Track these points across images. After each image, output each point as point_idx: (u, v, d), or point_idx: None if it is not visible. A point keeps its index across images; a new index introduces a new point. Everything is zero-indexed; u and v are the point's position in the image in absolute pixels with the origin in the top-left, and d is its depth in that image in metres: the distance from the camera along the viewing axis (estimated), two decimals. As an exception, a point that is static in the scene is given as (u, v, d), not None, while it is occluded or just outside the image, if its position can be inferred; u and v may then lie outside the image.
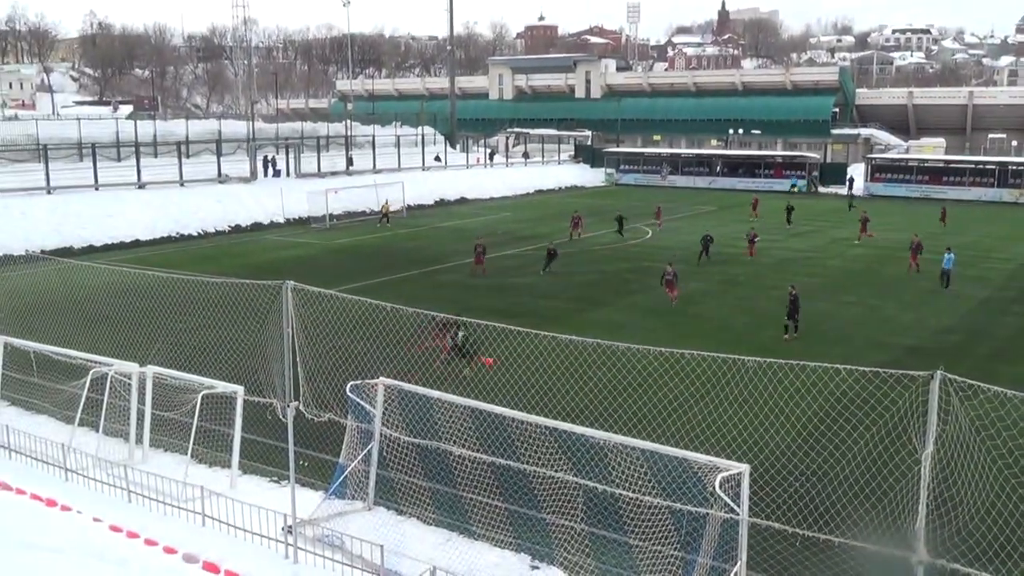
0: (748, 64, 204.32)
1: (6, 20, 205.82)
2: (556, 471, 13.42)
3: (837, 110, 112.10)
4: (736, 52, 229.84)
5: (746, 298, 33.16)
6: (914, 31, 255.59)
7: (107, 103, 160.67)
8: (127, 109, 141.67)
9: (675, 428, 17.09)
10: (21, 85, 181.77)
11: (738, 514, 11.30)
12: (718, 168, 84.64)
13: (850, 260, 42.46)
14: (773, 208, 58.91)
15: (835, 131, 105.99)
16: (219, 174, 60.37)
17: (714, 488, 11.29)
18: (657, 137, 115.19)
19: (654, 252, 44.32)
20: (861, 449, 15.55)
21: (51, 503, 14.87)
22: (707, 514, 11.60)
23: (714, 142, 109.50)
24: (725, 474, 11.39)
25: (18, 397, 20.47)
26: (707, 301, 32.78)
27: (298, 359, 18.35)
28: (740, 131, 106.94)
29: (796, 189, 77.74)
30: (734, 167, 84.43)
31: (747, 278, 37.39)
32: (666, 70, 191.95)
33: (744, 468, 11.46)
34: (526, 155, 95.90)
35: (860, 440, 15.55)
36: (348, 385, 14.91)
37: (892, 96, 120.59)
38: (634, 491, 12.56)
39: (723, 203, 68.98)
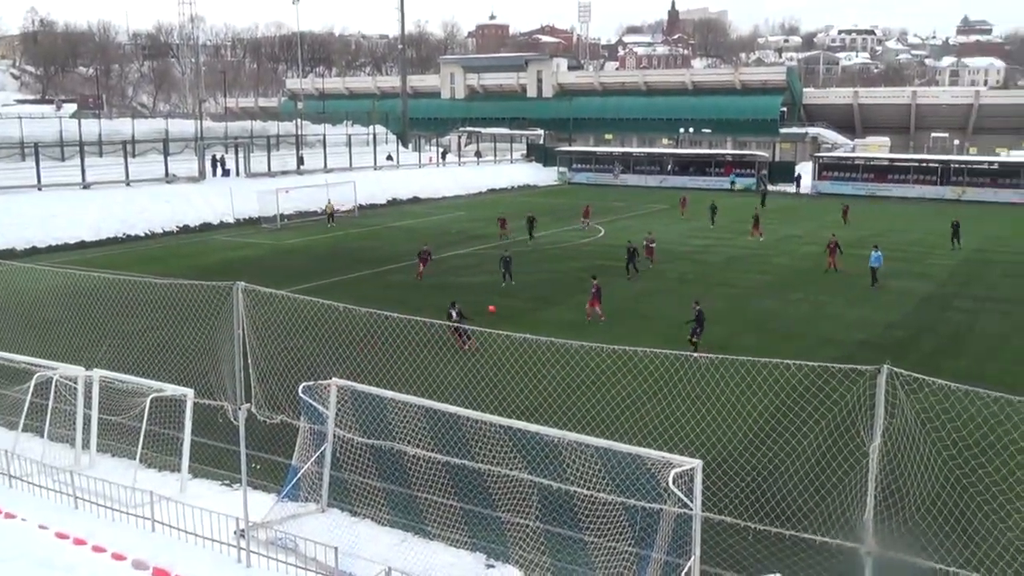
0: (698, 64, 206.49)
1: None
2: (511, 469, 13.43)
3: (785, 109, 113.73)
4: (686, 52, 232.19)
5: (695, 296, 33.47)
6: (859, 32, 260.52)
7: (50, 101, 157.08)
8: (71, 108, 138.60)
9: (628, 425, 17.20)
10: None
11: (691, 509, 11.40)
12: (669, 167, 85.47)
13: (798, 258, 43.11)
14: (725, 206, 59.51)
15: (783, 130, 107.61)
16: (167, 174, 59.44)
17: (667, 484, 11.36)
18: (609, 136, 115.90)
19: (607, 251, 44.55)
20: (811, 443, 15.80)
21: (-6, 511, 14.52)
22: (661, 510, 11.69)
23: (665, 141, 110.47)
24: (678, 470, 11.47)
25: (-42, 403, 19.93)
26: (658, 300, 33.07)
27: (249, 361, 18.11)
28: (691, 130, 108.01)
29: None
30: (685, 166, 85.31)
31: (695, 276, 37.82)
32: (617, 69, 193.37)
33: (697, 464, 11.56)
34: (478, 154, 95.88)
35: (810, 434, 15.79)
36: (300, 386, 14.77)
37: (838, 96, 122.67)
38: (589, 488, 12.60)
39: (674, 201, 69.50)
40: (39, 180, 52.34)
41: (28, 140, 59.42)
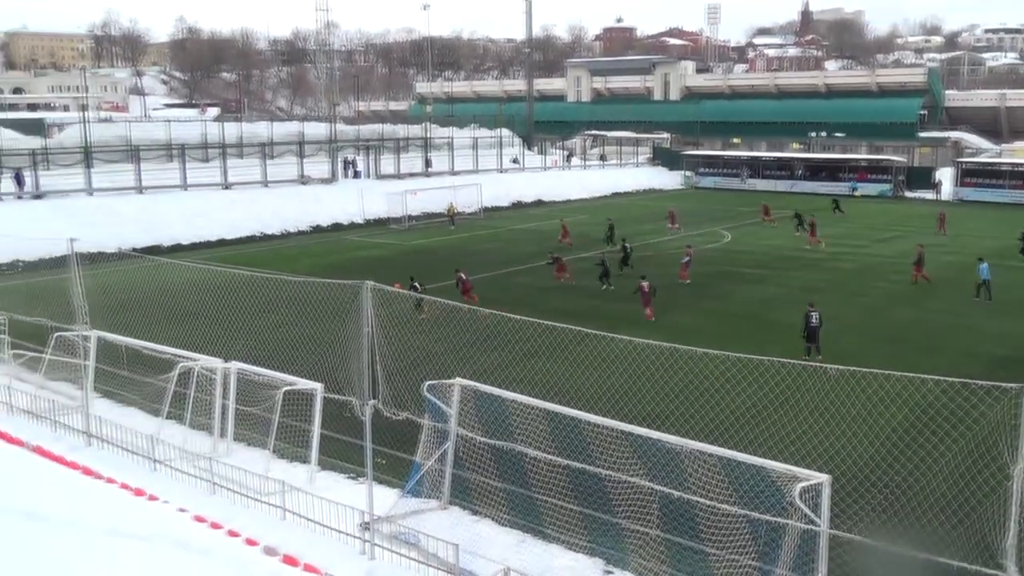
0: (832, 65, 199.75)
1: (101, 26, 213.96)
2: (631, 476, 13.32)
3: (925, 112, 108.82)
4: (819, 53, 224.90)
5: (827, 304, 32.43)
6: (1007, 31, 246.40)
7: (195, 105, 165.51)
8: (214, 111, 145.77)
9: (753, 435, 16.80)
10: (115, 88, 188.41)
11: (818, 525, 11.05)
12: (799, 171, 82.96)
13: (937, 268, 41.16)
14: (859, 212, 57.47)
15: (922, 134, 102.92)
16: (301, 175, 61.65)
17: (793, 498, 11.06)
18: (736, 140, 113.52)
19: (731, 256, 43.69)
20: (949, 462, 15.05)
21: (139, 492, 15.37)
22: (786, 525, 11.36)
23: (795, 145, 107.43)
24: (805, 484, 11.15)
25: (109, 389, 21.20)
26: (785, 307, 32.16)
27: (376, 358, 18.57)
28: (823, 134, 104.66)
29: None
30: (816, 170, 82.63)
31: (828, 284, 36.60)
32: (746, 72, 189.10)
33: (825, 478, 11.20)
34: (603, 157, 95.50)
35: (948, 453, 15.04)
36: (425, 384, 15.05)
37: (983, 98, 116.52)
38: (710, 498, 12.38)
39: (803, 207, 67.49)
40: (184, 180, 55.20)
41: (175, 142, 62.66)
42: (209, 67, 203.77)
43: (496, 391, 14.89)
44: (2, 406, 20.09)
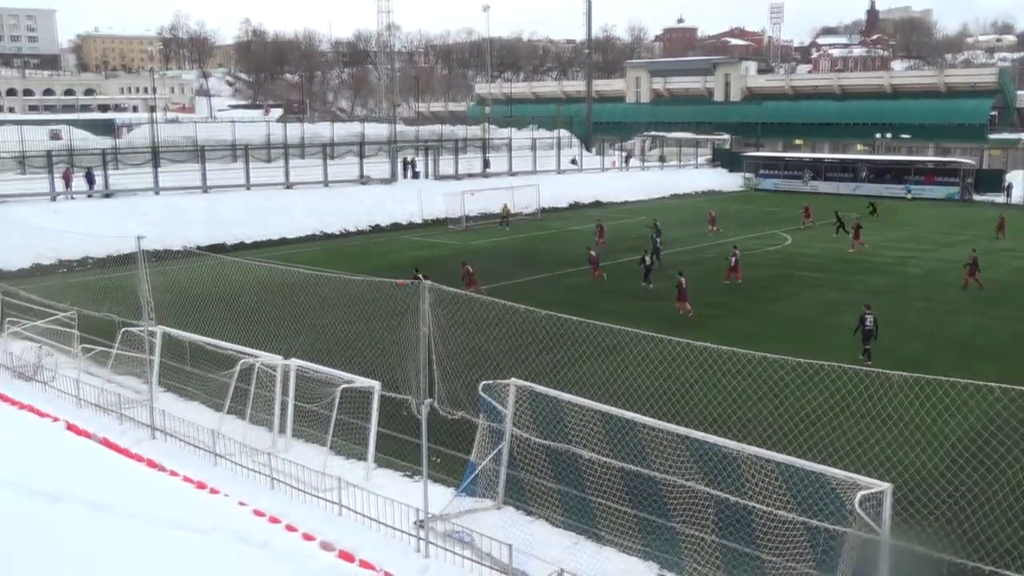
0: (898, 66, 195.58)
1: (170, 28, 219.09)
2: (687, 480, 13.22)
3: (995, 113, 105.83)
4: (885, 53, 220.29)
5: (890, 309, 31.79)
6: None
7: (259, 106, 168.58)
8: (277, 112, 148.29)
9: (812, 442, 16.53)
10: (182, 89, 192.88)
11: (879, 535, 10.83)
12: (863, 174, 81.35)
13: (1006, 272, 40.06)
14: (926, 216, 56.21)
15: (992, 136, 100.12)
16: (361, 175, 62.34)
17: (853, 506, 10.86)
18: (799, 141, 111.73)
19: (793, 259, 43.05)
20: (1016, 473, 14.64)
21: (201, 486, 15.70)
22: (845, 533, 11.17)
23: (859, 147, 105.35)
24: (865, 492, 10.94)
25: (173, 384, 21.69)
26: (848, 312, 31.57)
27: (433, 357, 18.70)
28: (888, 135, 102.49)
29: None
30: (881, 173, 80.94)
31: (892, 288, 35.85)
32: (810, 72, 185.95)
33: (886, 487, 10.98)
34: (662, 159, 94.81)
35: (1016, 464, 14.63)
36: (480, 384, 15.11)
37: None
38: (768, 505, 12.22)
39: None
40: (247, 180, 56.17)
41: (239, 143, 63.89)
42: (273, 69, 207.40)
43: (551, 392, 14.88)
44: (72, 399, 20.69)
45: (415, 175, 67.67)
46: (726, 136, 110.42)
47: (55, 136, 69.63)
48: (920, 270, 40.62)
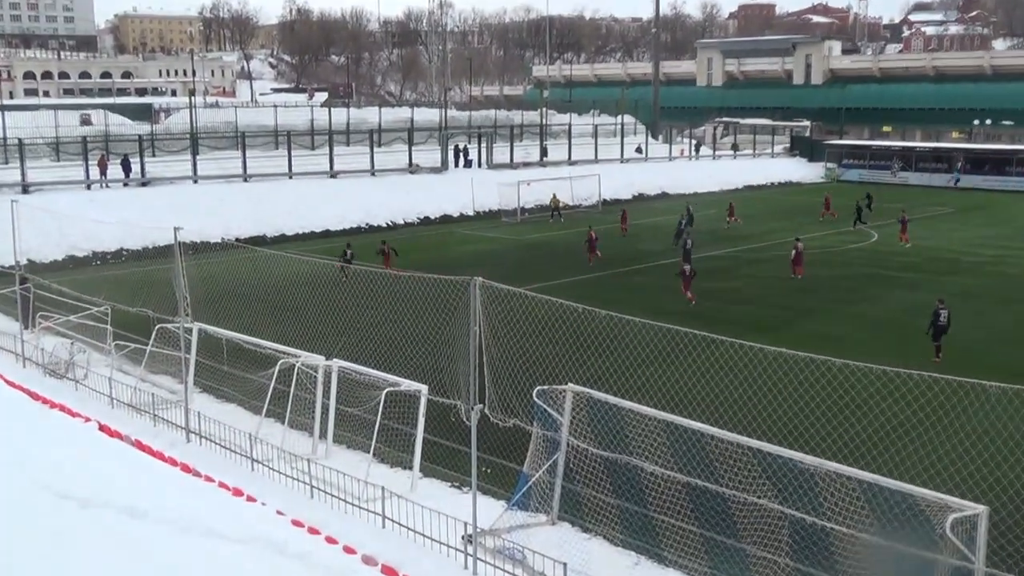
0: (1000, 45, 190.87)
1: (211, 7, 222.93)
2: (759, 497, 13.04)
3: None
4: (986, 31, 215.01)
5: (984, 312, 31.06)
6: None
7: (303, 90, 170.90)
8: (322, 96, 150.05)
9: (899, 459, 16.22)
10: (223, 72, 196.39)
11: (973, 563, 10.58)
12: (960, 164, 79.52)
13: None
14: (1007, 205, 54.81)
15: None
16: (410, 164, 62.79)
17: (944, 531, 10.64)
18: (887, 128, 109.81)
19: (879, 258, 42.28)
20: None
21: (237, 493, 15.93)
22: (935, 560, 10.93)
23: (955, 135, 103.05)
24: (958, 515, 10.72)
25: (209, 384, 22.07)
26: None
27: (484, 360, 18.71)
28: (987, 121, 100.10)
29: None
30: (980, 163, 79.03)
31: (987, 290, 35.04)
32: (900, 52, 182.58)
33: (982, 510, 10.72)
34: (735, 147, 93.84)
35: None
36: (535, 390, 15.08)
37: None
38: (848, 526, 12.01)
39: (965, 204, 64.87)
40: (290, 168, 56.95)
41: (281, 128, 64.88)
42: (318, 50, 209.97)
43: (612, 399, 14.79)
44: (104, 398, 21.17)
45: (467, 164, 67.95)
46: (806, 123, 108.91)
47: (85, 121, 71.48)
48: (1020, 270, 39.61)
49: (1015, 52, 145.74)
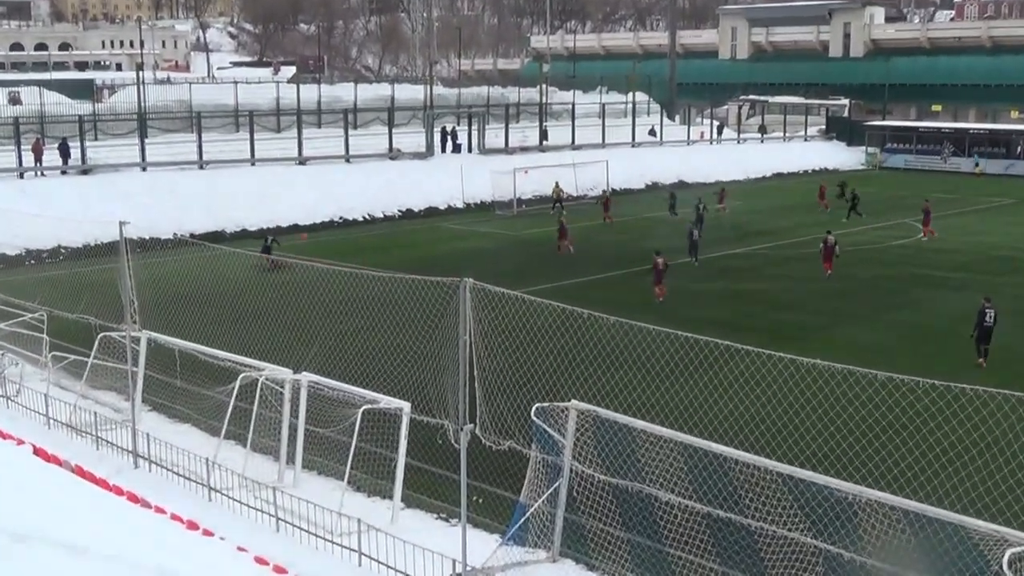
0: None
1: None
2: (790, 530, 13.10)
3: None
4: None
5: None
6: None
7: (268, 64, 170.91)
8: (289, 71, 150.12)
9: (949, 486, 16.28)
10: (175, 44, 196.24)
11: (1033, 604, 10.67)
12: (1020, 149, 79.75)
13: None
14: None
15: None
16: (390, 148, 62.76)
17: (1001, 567, 10.74)
18: (936, 107, 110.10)
19: (926, 256, 42.41)
20: None
21: (192, 525, 15.91)
22: (990, 600, 11.02)
23: (1014, 114, 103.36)
24: (1016, 550, 10.82)
25: (160, 401, 22.08)
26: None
27: (475, 373, 18.72)
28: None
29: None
30: (1041, 147, 79.41)
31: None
32: (952, 20, 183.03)
33: (1043, 544, 10.81)
34: (763, 129, 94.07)
35: None
36: (534, 408, 15.12)
37: None
38: (892, 563, 12.09)
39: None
40: (252, 154, 56.78)
41: (243, 108, 64.69)
42: (284, 18, 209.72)
43: (621, 418, 14.84)
44: (40, 418, 21.17)
45: (456, 148, 68.00)
46: (844, 101, 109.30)
47: (15, 100, 71.30)
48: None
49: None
